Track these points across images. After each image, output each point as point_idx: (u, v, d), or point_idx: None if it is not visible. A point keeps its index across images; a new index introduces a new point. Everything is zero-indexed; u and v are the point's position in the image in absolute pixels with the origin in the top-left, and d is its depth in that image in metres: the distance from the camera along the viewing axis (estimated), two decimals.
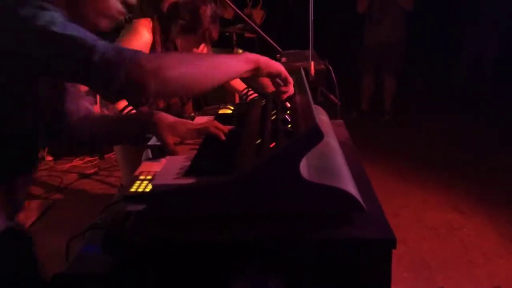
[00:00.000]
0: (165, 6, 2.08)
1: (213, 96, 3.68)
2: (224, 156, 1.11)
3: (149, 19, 2.10)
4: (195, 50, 2.15)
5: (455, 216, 3.02)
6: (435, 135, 4.48)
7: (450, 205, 3.16)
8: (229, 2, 2.50)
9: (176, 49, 2.14)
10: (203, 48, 2.23)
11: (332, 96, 2.20)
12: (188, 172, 1.04)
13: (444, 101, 5.45)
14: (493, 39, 5.19)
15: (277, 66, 1.19)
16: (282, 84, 1.26)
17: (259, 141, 1.09)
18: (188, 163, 1.10)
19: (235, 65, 1.09)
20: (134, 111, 2.09)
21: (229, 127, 1.28)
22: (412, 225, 2.91)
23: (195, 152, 1.20)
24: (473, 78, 5.41)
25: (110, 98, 0.97)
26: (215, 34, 2.11)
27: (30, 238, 1.19)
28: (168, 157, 1.20)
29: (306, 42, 2.04)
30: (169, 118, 1.24)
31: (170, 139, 1.19)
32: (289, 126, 1.06)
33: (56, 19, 0.90)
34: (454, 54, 5.75)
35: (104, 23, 1.07)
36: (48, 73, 0.95)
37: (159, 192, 0.98)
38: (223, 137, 1.22)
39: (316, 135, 0.91)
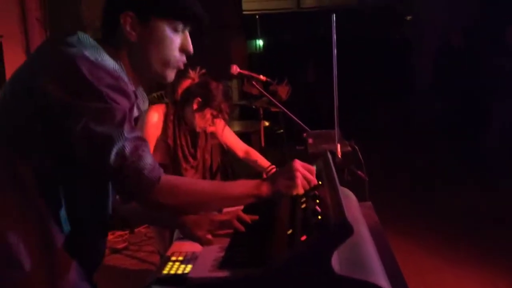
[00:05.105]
0: (178, 94, 2.24)
1: (240, 167, 3.76)
2: (257, 247, 1.14)
3: (163, 104, 2.27)
4: (211, 128, 2.27)
5: None
6: (467, 207, 4.38)
7: (488, 281, 3.04)
8: (256, 84, 2.63)
9: (189, 131, 2.27)
10: (223, 126, 2.34)
11: (360, 173, 2.23)
12: (222, 264, 1.08)
13: (473, 172, 5.36)
14: None
15: (296, 184, 1.21)
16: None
17: (290, 231, 1.12)
18: (222, 254, 1.14)
19: (241, 201, 1.22)
20: None
21: (253, 217, 1.32)
22: None
23: (228, 240, 1.24)
24: (503, 147, 5.38)
25: (123, 196, 1.10)
26: (229, 109, 2.24)
27: None
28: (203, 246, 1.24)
29: (330, 119, 2.11)
30: (191, 215, 1.29)
31: (200, 232, 1.24)
32: (319, 217, 1.10)
33: (102, 111, 0.98)
34: (483, 125, 5.76)
35: (167, 73, 1.17)
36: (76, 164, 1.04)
37: (196, 285, 1.01)
38: (243, 229, 1.27)
39: (346, 230, 0.94)
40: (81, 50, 1.01)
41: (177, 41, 1.15)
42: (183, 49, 1.17)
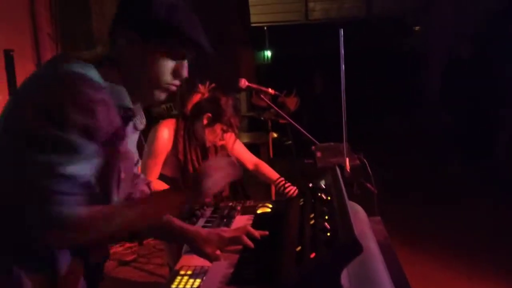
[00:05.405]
0: (188, 108, 2.24)
1: (249, 178, 3.76)
2: (265, 264, 1.14)
3: (173, 119, 2.27)
4: (221, 142, 2.27)
5: None
6: (479, 220, 4.33)
7: None
8: (264, 97, 2.64)
9: (200, 146, 2.27)
10: (233, 140, 2.35)
11: (369, 185, 2.22)
12: (231, 281, 1.08)
13: (484, 184, 5.31)
14: None
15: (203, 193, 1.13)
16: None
17: (299, 248, 1.12)
18: (231, 270, 1.14)
19: (162, 217, 1.18)
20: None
21: (262, 232, 1.32)
22: None
23: (237, 256, 1.24)
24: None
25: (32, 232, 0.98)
26: (238, 123, 2.25)
27: None
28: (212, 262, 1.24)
29: (336, 127, 2.11)
30: (202, 232, 1.30)
31: (209, 249, 1.25)
32: (328, 234, 1.10)
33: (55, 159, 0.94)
34: (493, 135, 5.72)
35: (155, 94, 1.14)
36: None
37: None
38: (252, 246, 1.26)
39: (355, 248, 0.94)
40: (71, 67, 1.02)
41: (171, 65, 1.12)
42: (177, 74, 1.14)
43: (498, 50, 5.69)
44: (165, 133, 2.22)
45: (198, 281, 1.15)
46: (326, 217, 1.20)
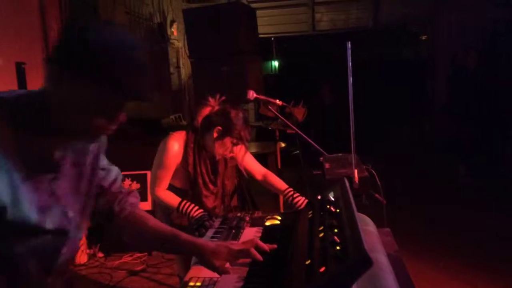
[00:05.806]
0: (199, 121, 2.25)
1: (257, 187, 3.77)
2: (275, 277, 1.15)
3: (183, 132, 2.28)
4: (231, 154, 2.27)
5: None
6: (488, 231, 4.30)
7: None
8: (271, 108, 2.66)
9: (210, 158, 2.28)
10: (243, 152, 2.35)
11: (377, 195, 2.22)
12: None
13: (493, 195, 5.26)
14: None
15: None
16: None
17: (308, 262, 1.13)
18: (241, 284, 1.15)
19: None
20: (189, 207, 2.17)
21: (271, 246, 1.32)
22: None
23: (246, 269, 1.25)
24: None
25: None
26: (248, 136, 2.24)
27: None
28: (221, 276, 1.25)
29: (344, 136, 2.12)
30: (210, 244, 1.30)
31: (218, 262, 1.25)
32: (338, 247, 1.10)
33: None
34: (500, 146, 5.70)
35: (84, 140, 1.08)
36: None
37: None
38: (261, 259, 1.26)
39: (365, 263, 0.95)
40: None
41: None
42: (112, 119, 1.00)
43: (504, 58, 5.69)
44: (175, 146, 2.23)
45: None
46: (336, 230, 1.20)
